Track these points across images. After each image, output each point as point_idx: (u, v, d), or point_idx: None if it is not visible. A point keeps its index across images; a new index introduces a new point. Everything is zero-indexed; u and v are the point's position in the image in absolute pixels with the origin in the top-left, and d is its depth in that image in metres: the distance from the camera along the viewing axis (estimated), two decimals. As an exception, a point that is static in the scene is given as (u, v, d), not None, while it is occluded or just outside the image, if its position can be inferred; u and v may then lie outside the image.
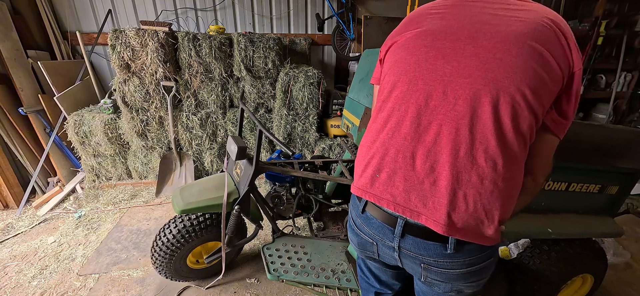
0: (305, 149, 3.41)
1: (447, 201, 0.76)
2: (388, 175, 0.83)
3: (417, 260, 0.88)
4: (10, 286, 2.04)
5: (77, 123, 3.07)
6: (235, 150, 1.58)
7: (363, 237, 0.98)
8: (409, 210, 0.81)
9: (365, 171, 0.88)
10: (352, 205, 1.04)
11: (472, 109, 0.72)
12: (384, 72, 0.89)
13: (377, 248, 0.96)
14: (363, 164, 0.90)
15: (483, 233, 0.78)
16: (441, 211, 0.77)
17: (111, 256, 2.29)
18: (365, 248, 1.00)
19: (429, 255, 0.85)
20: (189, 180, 3.28)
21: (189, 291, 1.97)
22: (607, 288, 2.05)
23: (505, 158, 0.73)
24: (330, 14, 3.90)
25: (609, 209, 1.61)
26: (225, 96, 3.27)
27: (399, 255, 0.90)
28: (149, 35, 2.81)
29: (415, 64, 0.79)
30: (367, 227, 0.95)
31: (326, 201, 2.18)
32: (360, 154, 0.93)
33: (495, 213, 0.76)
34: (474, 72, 0.72)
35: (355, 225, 1.01)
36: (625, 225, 2.71)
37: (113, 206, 2.97)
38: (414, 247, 0.86)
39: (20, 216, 2.83)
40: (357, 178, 0.93)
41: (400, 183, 0.81)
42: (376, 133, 0.87)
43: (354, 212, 1.02)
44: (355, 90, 2.06)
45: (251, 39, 3.07)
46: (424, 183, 0.78)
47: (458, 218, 0.76)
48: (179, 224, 1.76)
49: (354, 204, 1.02)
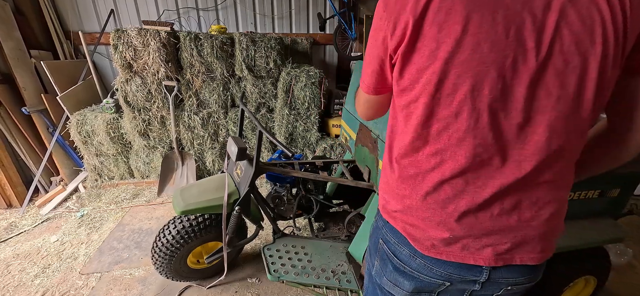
0: (306, 149, 3.41)
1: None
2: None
3: (501, 285, 0.76)
4: (13, 285, 2.06)
5: (79, 123, 3.08)
6: (235, 151, 1.58)
7: (426, 279, 0.78)
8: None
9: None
10: (396, 239, 0.81)
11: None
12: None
13: (448, 287, 0.78)
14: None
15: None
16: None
17: (113, 255, 2.31)
18: (423, 291, 0.80)
19: (522, 275, 0.75)
20: (190, 180, 3.29)
21: (190, 290, 1.98)
22: (610, 289, 2.04)
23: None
24: (332, 14, 3.88)
25: (611, 211, 1.59)
26: (227, 96, 3.27)
27: (482, 286, 0.77)
28: (151, 35, 2.81)
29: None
30: (437, 267, 0.75)
31: (327, 201, 2.18)
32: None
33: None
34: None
35: (408, 267, 0.79)
36: (629, 226, 2.69)
37: (115, 206, 2.99)
38: (508, 272, 0.74)
39: (24, 215, 2.85)
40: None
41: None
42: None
43: (405, 250, 0.79)
44: (351, 102, 2.05)
45: (253, 38, 3.07)
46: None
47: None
48: (178, 224, 1.77)
49: (400, 239, 0.80)
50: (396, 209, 0.79)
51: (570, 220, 1.56)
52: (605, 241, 1.52)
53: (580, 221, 1.54)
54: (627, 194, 1.54)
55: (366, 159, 1.83)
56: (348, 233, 2.05)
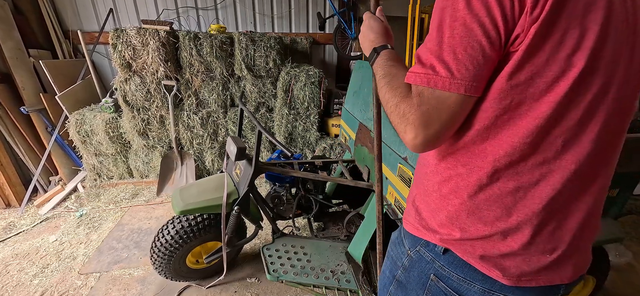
0: (306, 148, 3.41)
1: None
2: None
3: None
4: (11, 285, 2.05)
5: (78, 122, 3.08)
6: (234, 151, 1.58)
7: None
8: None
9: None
10: (464, 275, 0.68)
11: None
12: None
13: None
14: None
15: None
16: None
17: (112, 255, 2.30)
18: None
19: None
20: (190, 179, 3.29)
21: (189, 290, 1.98)
22: (609, 289, 2.04)
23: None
24: (331, 13, 3.88)
25: (610, 211, 1.59)
26: (226, 95, 3.26)
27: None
28: (150, 35, 2.81)
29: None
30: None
31: (326, 201, 2.18)
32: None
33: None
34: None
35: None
36: (628, 226, 2.69)
37: (114, 205, 2.98)
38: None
39: (22, 215, 2.85)
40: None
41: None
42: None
43: (477, 285, 0.66)
44: (350, 102, 2.05)
45: (252, 38, 3.06)
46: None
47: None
48: (177, 224, 1.76)
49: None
50: (475, 237, 0.64)
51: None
52: (605, 241, 1.52)
53: None
54: (626, 194, 1.54)
55: (366, 159, 1.83)
56: (347, 233, 2.05)
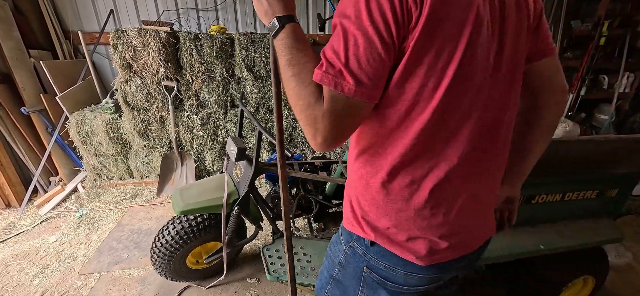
0: (306, 149, 3.41)
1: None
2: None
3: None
4: (11, 285, 2.05)
5: (78, 123, 3.08)
6: (234, 151, 1.59)
7: (424, 288, 0.77)
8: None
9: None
10: (389, 263, 0.74)
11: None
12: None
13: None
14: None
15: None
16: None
17: (112, 255, 2.30)
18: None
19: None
20: (190, 180, 3.29)
21: (189, 290, 1.98)
22: (609, 289, 2.04)
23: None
24: (331, 14, 3.89)
25: (610, 212, 1.60)
26: (226, 96, 3.27)
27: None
28: (150, 35, 2.81)
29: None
30: (436, 271, 0.75)
31: (326, 201, 2.17)
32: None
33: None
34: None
35: (405, 286, 0.76)
36: (627, 226, 2.69)
37: (114, 206, 2.98)
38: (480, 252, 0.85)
39: (22, 215, 2.85)
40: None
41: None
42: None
43: (400, 270, 0.73)
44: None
45: (252, 38, 3.07)
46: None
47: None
48: (177, 225, 1.77)
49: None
50: (386, 227, 0.70)
51: (568, 220, 1.57)
52: (603, 242, 1.53)
53: (578, 221, 1.55)
54: (626, 194, 1.54)
55: None
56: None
